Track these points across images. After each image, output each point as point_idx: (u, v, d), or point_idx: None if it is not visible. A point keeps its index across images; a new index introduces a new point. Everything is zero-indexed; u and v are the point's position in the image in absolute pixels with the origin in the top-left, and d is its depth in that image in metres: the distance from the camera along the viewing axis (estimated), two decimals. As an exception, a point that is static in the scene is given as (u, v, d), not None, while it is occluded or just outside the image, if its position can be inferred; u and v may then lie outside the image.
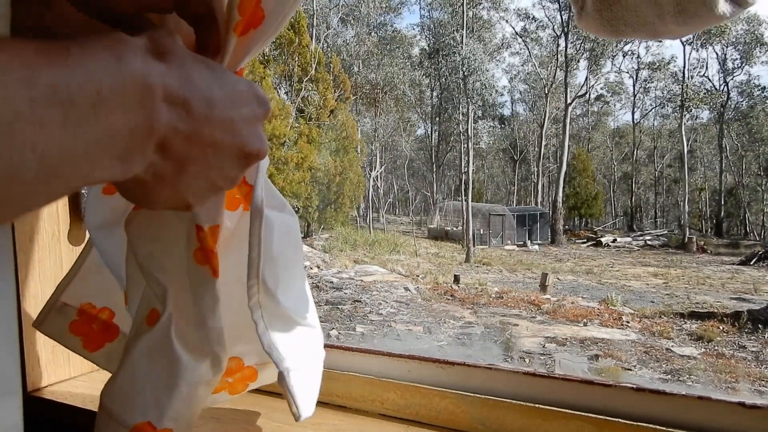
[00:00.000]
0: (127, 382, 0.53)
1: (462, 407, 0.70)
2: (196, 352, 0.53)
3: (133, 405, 0.52)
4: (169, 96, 0.33)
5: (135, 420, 0.52)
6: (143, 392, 0.52)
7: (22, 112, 0.26)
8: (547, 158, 38.69)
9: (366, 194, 28.55)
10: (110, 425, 0.53)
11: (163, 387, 0.52)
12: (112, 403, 0.53)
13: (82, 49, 0.30)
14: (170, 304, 0.52)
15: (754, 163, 35.01)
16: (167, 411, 0.52)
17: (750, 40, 30.33)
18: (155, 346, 0.53)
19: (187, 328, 0.53)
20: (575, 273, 14.91)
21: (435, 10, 33.00)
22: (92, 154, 0.30)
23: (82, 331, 0.66)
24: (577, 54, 30.28)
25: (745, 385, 5.95)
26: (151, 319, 0.54)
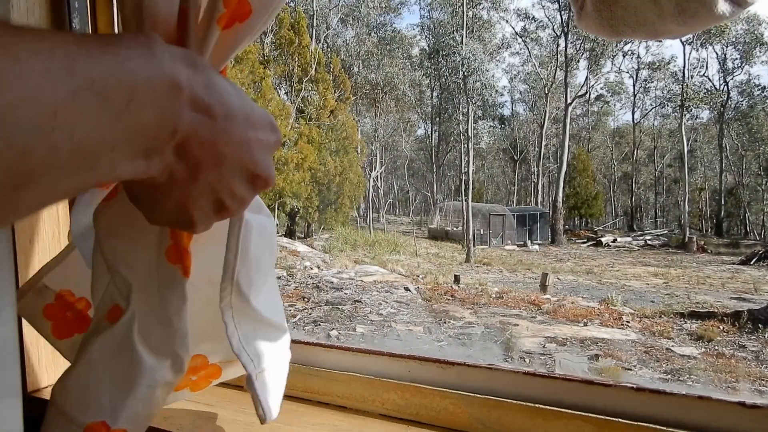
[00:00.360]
0: (83, 379, 0.51)
1: (462, 407, 0.70)
2: (158, 352, 0.52)
3: (88, 404, 0.51)
4: (194, 99, 0.34)
5: (89, 419, 0.50)
6: (99, 391, 0.51)
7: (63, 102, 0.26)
8: (547, 158, 38.67)
9: (366, 194, 28.55)
10: (61, 423, 0.51)
11: (121, 387, 0.51)
12: (64, 400, 0.52)
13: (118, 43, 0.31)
14: (134, 302, 0.51)
15: (754, 162, 34.99)
16: (123, 412, 0.51)
17: (750, 40, 30.31)
18: (116, 345, 0.51)
19: (151, 328, 0.51)
20: (575, 273, 14.90)
21: (435, 11, 32.99)
22: (121, 148, 0.31)
23: (55, 317, 0.64)
24: (577, 54, 30.27)
25: (745, 384, 5.95)
26: (113, 315, 0.52)
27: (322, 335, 7.33)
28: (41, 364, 0.83)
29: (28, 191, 0.27)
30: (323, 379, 0.78)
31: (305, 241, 18.60)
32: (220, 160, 0.38)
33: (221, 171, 0.39)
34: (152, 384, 0.51)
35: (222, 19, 0.46)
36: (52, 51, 0.26)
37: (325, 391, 0.78)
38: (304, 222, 21.73)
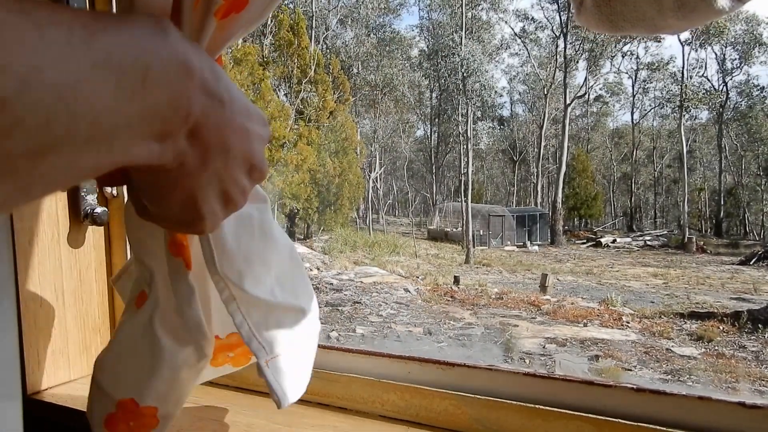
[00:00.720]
0: (115, 359, 0.55)
1: (462, 408, 0.70)
2: (178, 338, 0.54)
3: (119, 380, 0.54)
4: (204, 84, 0.34)
5: (119, 395, 0.53)
6: (127, 371, 0.54)
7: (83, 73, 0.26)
8: (546, 159, 38.70)
9: (365, 196, 28.55)
10: (100, 396, 0.55)
11: (145, 368, 0.53)
12: (101, 375, 0.55)
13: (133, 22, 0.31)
14: (156, 289, 0.54)
15: (753, 163, 35.02)
16: (149, 391, 0.53)
17: (749, 40, 30.34)
18: (140, 328, 0.54)
19: (170, 315, 0.54)
20: (575, 273, 14.90)
21: (434, 12, 33.03)
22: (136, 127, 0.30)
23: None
24: (576, 55, 30.29)
25: (745, 385, 5.95)
26: (140, 300, 0.55)
27: (322, 337, 7.29)
28: (41, 367, 0.83)
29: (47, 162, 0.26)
30: (323, 381, 0.78)
31: (305, 242, 18.61)
32: (228, 147, 0.38)
33: (228, 159, 0.39)
34: (174, 367, 0.54)
35: (219, 10, 0.46)
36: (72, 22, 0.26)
37: (326, 392, 0.78)
38: (304, 223, 21.73)
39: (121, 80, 0.28)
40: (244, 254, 0.54)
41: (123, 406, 0.53)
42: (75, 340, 0.89)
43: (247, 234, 0.55)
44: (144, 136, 0.31)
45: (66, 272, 0.87)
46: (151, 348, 0.53)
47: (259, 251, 0.56)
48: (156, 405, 0.54)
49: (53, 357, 0.85)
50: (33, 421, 0.77)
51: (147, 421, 0.54)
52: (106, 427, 0.54)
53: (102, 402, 0.54)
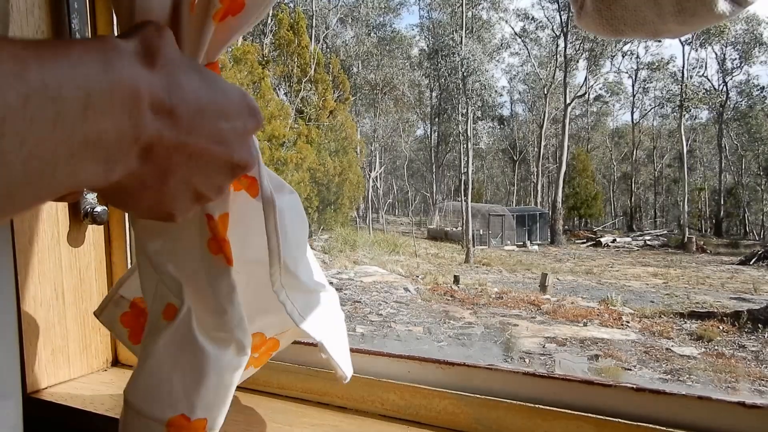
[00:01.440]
0: (153, 377, 0.53)
1: (462, 408, 0.70)
2: (220, 340, 0.54)
3: (162, 400, 0.53)
4: (155, 104, 0.33)
5: (167, 414, 0.52)
6: (171, 386, 0.53)
7: (13, 107, 0.25)
8: (546, 158, 38.68)
9: (365, 195, 28.54)
10: (141, 422, 0.53)
11: (191, 379, 0.53)
12: (139, 400, 0.53)
13: (71, 50, 0.30)
14: (187, 297, 0.53)
15: (753, 162, 35.00)
16: (198, 402, 0.53)
17: (749, 40, 30.32)
18: (178, 340, 0.53)
19: (208, 318, 0.53)
20: (575, 273, 14.91)
21: (434, 11, 33.00)
22: (77, 157, 0.29)
23: (130, 324, 0.68)
24: (576, 54, 30.28)
25: (745, 384, 5.95)
26: (169, 313, 0.54)
27: (322, 336, 7.32)
28: (41, 365, 0.83)
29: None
30: (323, 380, 0.78)
31: (305, 241, 18.57)
32: (191, 159, 0.37)
33: (193, 168, 0.38)
34: (219, 371, 0.54)
35: (218, 14, 0.47)
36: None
37: (325, 391, 0.78)
38: (304, 222, 21.70)
39: (59, 111, 0.27)
40: (296, 242, 0.56)
41: (174, 425, 0.52)
42: (75, 339, 0.89)
43: (296, 222, 0.57)
44: (89, 163, 0.30)
45: (66, 271, 0.87)
46: (194, 356, 0.53)
47: (304, 237, 0.59)
48: (206, 416, 0.54)
49: (53, 356, 0.85)
50: (33, 420, 0.77)
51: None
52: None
53: (148, 428, 0.53)
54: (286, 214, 0.54)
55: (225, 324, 0.53)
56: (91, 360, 0.92)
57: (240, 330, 0.54)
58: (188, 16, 0.46)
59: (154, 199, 0.38)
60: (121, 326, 0.68)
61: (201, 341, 0.53)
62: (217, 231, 0.51)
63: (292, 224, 0.55)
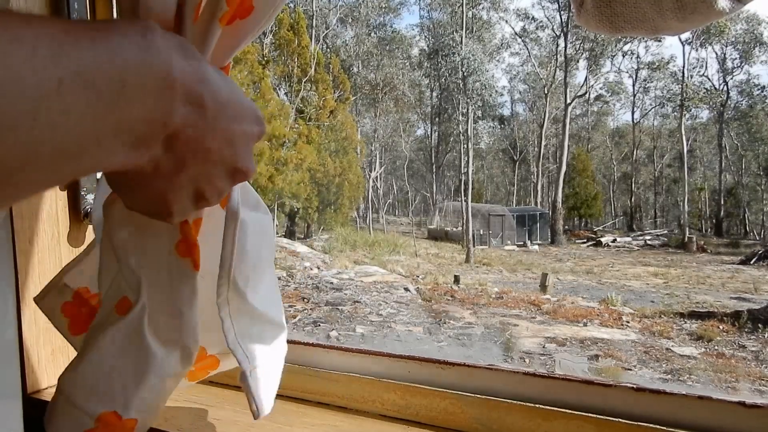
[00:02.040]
0: (93, 369, 0.52)
1: (462, 407, 0.70)
2: (168, 344, 0.52)
3: (98, 393, 0.52)
4: (187, 92, 0.34)
5: (99, 409, 0.51)
6: (110, 381, 0.52)
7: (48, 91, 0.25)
8: (546, 158, 38.69)
9: (365, 195, 28.55)
10: (72, 413, 0.52)
11: (131, 377, 0.52)
12: (74, 390, 0.52)
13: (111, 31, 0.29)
14: (144, 294, 0.52)
15: (753, 162, 35.00)
16: (134, 401, 0.52)
17: (749, 40, 30.32)
18: (126, 336, 0.52)
19: (161, 320, 0.52)
20: (575, 273, 14.91)
21: (434, 11, 33.01)
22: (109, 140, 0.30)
23: (71, 313, 0.66)
24: (576, 54, 30.28)
25: (745, 384, 5.95)
26: (122, 307, 0.53)
27: (322, 336, 7.33)
28: (41, 365, 0.83)
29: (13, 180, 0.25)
30: (323, 380, 0.78)
31: (305, 241, 18.61)
32: (206, 154, 0.38)
33: (206, 165, 0.39)
34: (162, 375, 0.53)
35: (225, 17, 0.46)
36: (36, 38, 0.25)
37: (325, 391, 0.78)
38: (304, 223, 21.75)
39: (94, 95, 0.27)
40: (253, 261, 0.54)
41: (104, 420, 0.51)
42: (75, 339, 0.89)
43: (259, 241, 0.55)
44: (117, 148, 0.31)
45: (66, 271, 0.87)
46: (139, 355, 0.52)
47: (263, 260, 0.56)
48: (137, 417, 0.52)
49: (53, 356, 0.85)
50: (33, 420, 0.77)
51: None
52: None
53: (77, 420, 0.52)
54: (250, 230, 0.53)
55: (177, 328, 0.52)
56: (92, 360, 0.92)
57: (191, 337, 0.53)
58: (191, 19, 0.46)
59: (160, 191, 0.39)
60: (62, 315, 0.66)
61: (149, 341, 0.52)
62: (189, 234, 0.51)
63: (254, 243, 0.54)
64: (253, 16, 0.49)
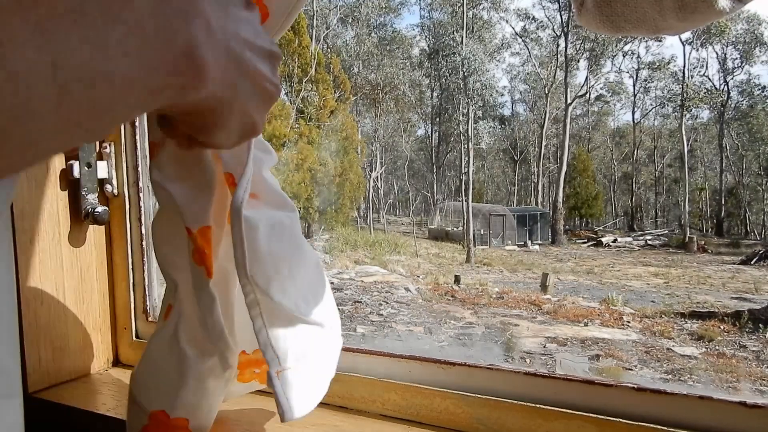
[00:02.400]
0: (146, 371, 0.57)
1: (463, 407, 0.70)
2: (202, 349, 0.56)
3: (150, 393, 0.57)
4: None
5: (151, 407, 0.56)
6: (158, 383, 0.56)
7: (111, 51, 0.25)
8: (547, 158, 38.66)
9: (366, 195, 28.54)
10: (135, 409, 0.58)
11: (173, 379, 0.55)
12: (136, 387, 0.58)
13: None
14: (179, 300, 0.56)
15: (754, 162, 34.97)
16: (178, 402, 0.55)
17: (750, 40, 30.29)
18: (167, 341, 0.56)
19: (193, 325, 0.55)
20: (576, 273, 14.90)
21: (435, 11, 33.00)
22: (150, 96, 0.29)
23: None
24: (577, 54, 30.26)
25: (746, 384, 5.95)
26: (167, 313, 0.57)
27: (323, 336, 7.31)
28: (42, 365, 0.83)
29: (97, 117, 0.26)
30: (324, 380, 0.78)
31: (305, 241, 18.58)
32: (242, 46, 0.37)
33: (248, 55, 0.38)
34: (199, 377, 0.56)
35: None
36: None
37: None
38: (305, 222, 21.73)
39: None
40: (274, 260, 0.54)
41: (155, 418, 0.55)
42: (76, 339, 0.89)
43: (278, 241, 0.55)
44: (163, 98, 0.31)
45: (67, 271, 0.87)
46: (177, 359, 0.55)
47: (288, 260, 0.56)
48: (186, 417, 0.55)
49: (54, 356, 0.85)
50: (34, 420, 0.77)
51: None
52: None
53: (137, 414, 0.57)
54: (262, 230, 0.53)
55: (206, 335, 0.54)
56: (92, 360, 0.92)
57: (220, 341, 0.54)
58: None
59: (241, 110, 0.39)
60: None
61: (183, 345, 0.55)
62: (197, 243, 0.52)
63: (269, 242, 0.53)
64: (268, 22, 0.51)
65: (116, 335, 0.96)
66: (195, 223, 0.53)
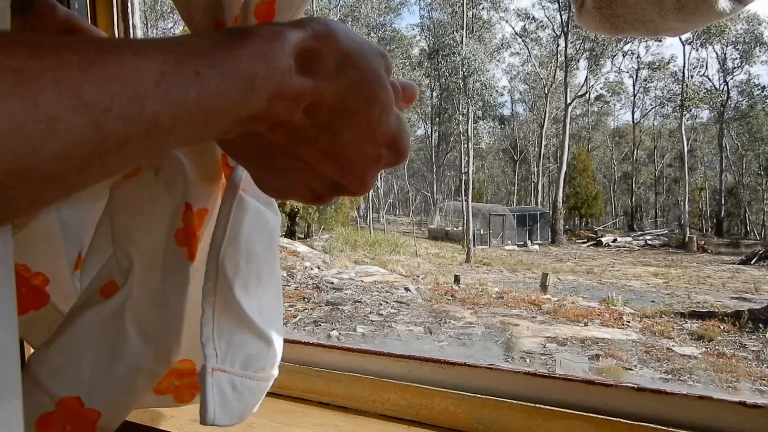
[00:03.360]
0: (64, 351, 0.50)
1: (462, 407, 0.70)
2: (147, 335, 0.51)
3: (65, 376, 0.50)
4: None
5: (63, 392, 0.49)
6: (78, 365, 0.50)
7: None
8: (547, 158, 38.68)
9: (366, 195, 28.49)
10: (33, 392, 0.49)
11: (101, 363, 0.50)
12: (41, 370, 0.50)
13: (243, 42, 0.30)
14: (132, 280, 0.51)
15: (754, 162, 34.99)
16: (100, 391, 0.50)
17: (750, 40, 30.30)
18: (104, 319, 0.50)
19: (144, 309, 0.51)
20: (576, 273, 14.90)
21: (435, 11, 33.01)
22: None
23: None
24: (576, 54, 30.28)
25: (745, 384, 5.95)
26: (107, 291, 0.52)
27: (323, 336, 7.33)
28: (42, 365, 0.83)
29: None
30: (324, 380, 0.78)
31: (305, 241, 18.60)
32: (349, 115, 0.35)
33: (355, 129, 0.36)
34: (134, 366, 0.51)
35: None
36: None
37: (326, 391, 0.78)
38: (304, 222, 21.73)
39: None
40: (247, 252, 0.51)
41: (64, 405, 0.49)
42: (76, 339, 0.89)
43: (258, 234, 0.52)
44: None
45: (67, 271, 0.86)
46: (115, 342, 0.50)
47: (261, 258, 0.53)
48: (100, 409, 0.50)
49: (54, 356, 0.85)
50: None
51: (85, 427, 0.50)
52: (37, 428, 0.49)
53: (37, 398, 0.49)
54: (249, 216, 0.50)
55: (160, 318, 0.51)
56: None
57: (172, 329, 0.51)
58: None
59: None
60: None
61: (128, 328, 0.50)
62: (191, 223, 0.50)
63: (251, 232, 0.50)
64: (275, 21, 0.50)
65: (116, 335, 0.95)
66: (198, 203, 0.50)
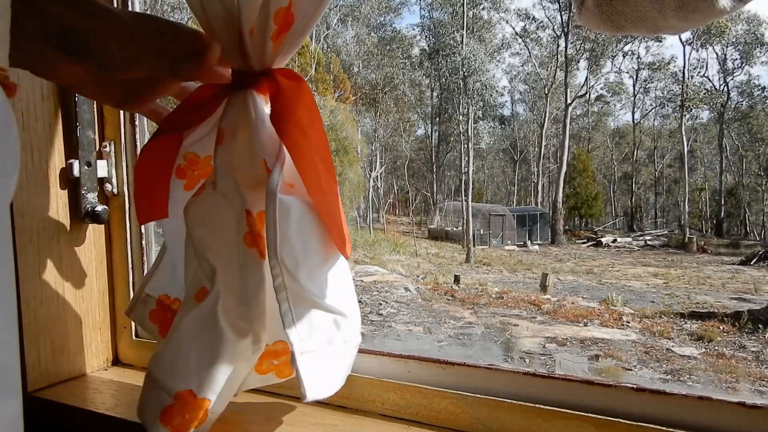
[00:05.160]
0: (174, 352, 0.59)
1: (462, 407, 0.70)
2: (238, 328, 0.58)
3: (177, 373, 0.58)
4: None
5: (178, 387, 0.57)
6: (187, 362, 0.58)
7: None
8: (547, 158, 38.65)
9: (366, 195, 28.53)
10: (155, 391, 0.59)
11: (206, 358, 0.58)
12: (158, 371, 0.59)
13: None
14: (218, 283, 0.58)
15: (754, 163, 34.95)
16: (207, 381, 0.57)
17: (750, 40, 30.27)
18: (202, 321, 0.58)
19: (232, 305, 0.58)
20: (575, 273, 14.89)
21: (435, 11, 32.94)
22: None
23: (159, 319, 0.73)
24: (577, 54, 30.25)
25: (745, 385, 5.95)
26: (200, 296, 0.59)
27: (322, 335, 7.30)
28: (41, 364, 0.83)
29: None
30: (323, 379, 0.78)
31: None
32: None
33: None
34: (233, 357, 0.58)
35: (275, 35, 0.55)
36: None
37: (325, 391, 0.78)
38: (304, 222, 21.70)
39: None
40: (303, 247, 0.57)
41: (181, 398, 0.57)
42: (75, 338, 0.89)
43: (309, 229, 0.58)
44: None
45: (66, 270, 0.87)
46: (213, 337, 0.57)
47: (314, 244, 0.59)
48: (210, 397, 0.58)
49: (54, 355, 0.85)
50: (33, 419, 0.77)
51: (199, 414, 0.58)
52: (161, 421, 0.58)
53: (159, 396, 0.58)
54: (294, 214, 0.56)
55: (246, 313, 0.58)
56: (92, 359, 0.92)
57: (259, 321, 0.58)
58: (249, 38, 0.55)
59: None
60: (151, 323, 0.73)
61: (222, 325, 0.57)
62: (254, 226, 0.57)
63: (301, 227, 0.57)
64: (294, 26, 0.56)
65: (116, 334, 0.96)
66: (255, 207, 0.57)
